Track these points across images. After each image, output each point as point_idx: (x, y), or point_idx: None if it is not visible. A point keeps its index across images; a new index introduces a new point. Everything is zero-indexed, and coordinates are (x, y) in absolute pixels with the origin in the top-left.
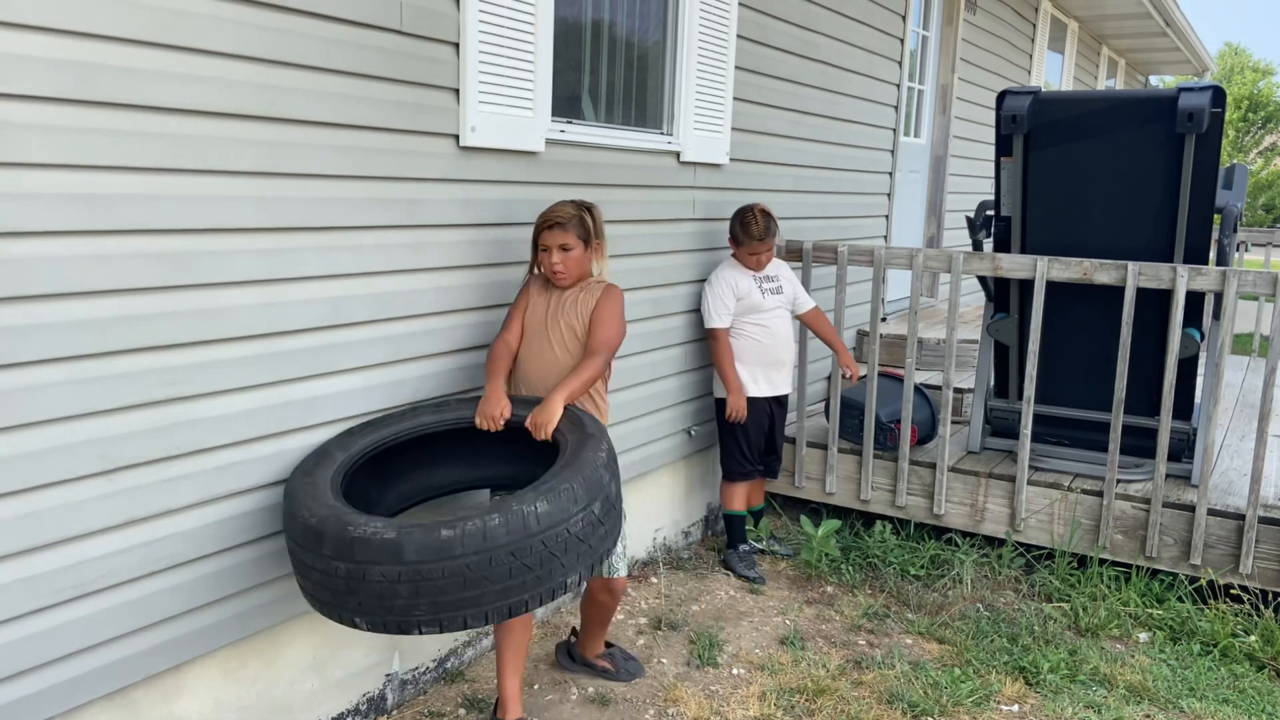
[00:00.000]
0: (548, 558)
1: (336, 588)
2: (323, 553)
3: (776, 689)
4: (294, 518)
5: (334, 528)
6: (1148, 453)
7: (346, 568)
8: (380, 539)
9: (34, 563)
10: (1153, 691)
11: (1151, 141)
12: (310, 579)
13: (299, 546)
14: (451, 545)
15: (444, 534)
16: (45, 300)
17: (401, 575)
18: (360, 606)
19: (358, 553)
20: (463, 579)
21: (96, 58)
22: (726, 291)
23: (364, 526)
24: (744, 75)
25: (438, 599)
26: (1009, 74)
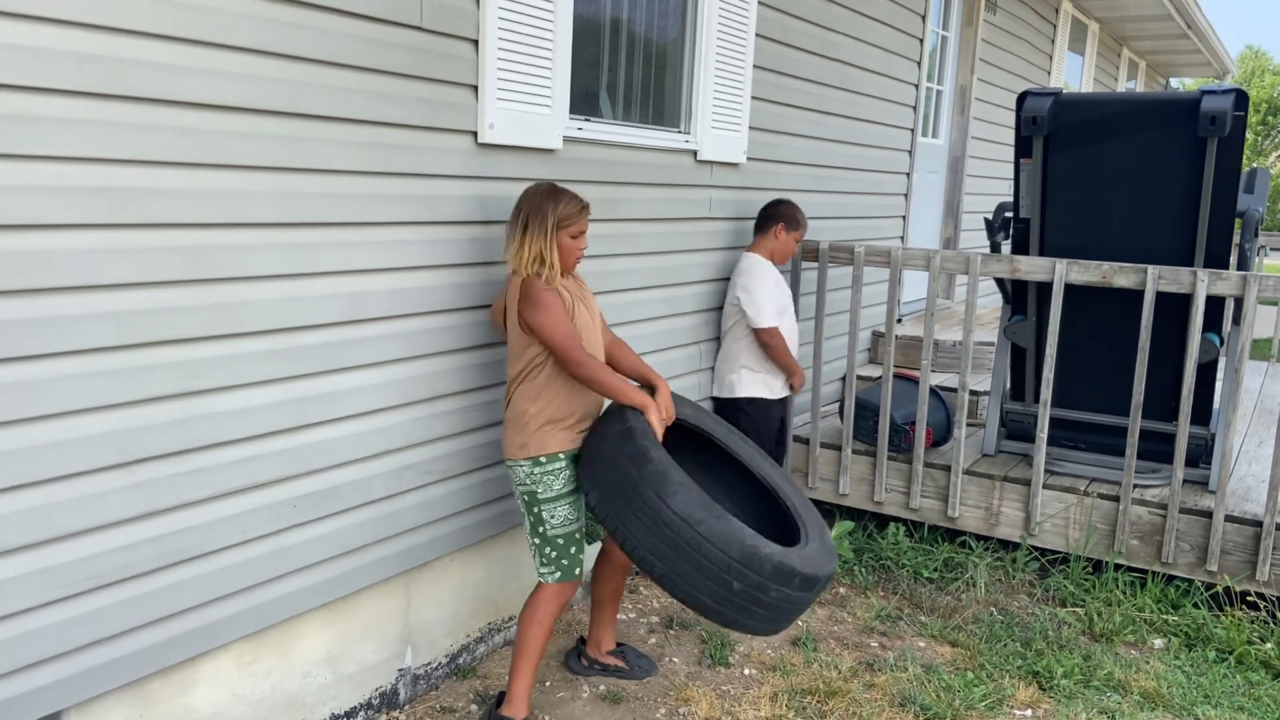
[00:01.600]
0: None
1: (781, 610)
2: (791, 586)
3: (788, 690)
4: (756, 557)
5: (799, 562)
6: (1165, 458)
7: (787, 594)
8: (806, 572)
9: (53, 554)
10: (1167, 698)
11: (1173, 144)
12: (764, 605)
13: (765, 579)
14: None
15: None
16: (67, 293)
17: (791, 595)
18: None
19: (795, 581)
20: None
21: (121, 52)
22: (776, 287)
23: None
24: (762, 74)
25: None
26: (1028, 75)
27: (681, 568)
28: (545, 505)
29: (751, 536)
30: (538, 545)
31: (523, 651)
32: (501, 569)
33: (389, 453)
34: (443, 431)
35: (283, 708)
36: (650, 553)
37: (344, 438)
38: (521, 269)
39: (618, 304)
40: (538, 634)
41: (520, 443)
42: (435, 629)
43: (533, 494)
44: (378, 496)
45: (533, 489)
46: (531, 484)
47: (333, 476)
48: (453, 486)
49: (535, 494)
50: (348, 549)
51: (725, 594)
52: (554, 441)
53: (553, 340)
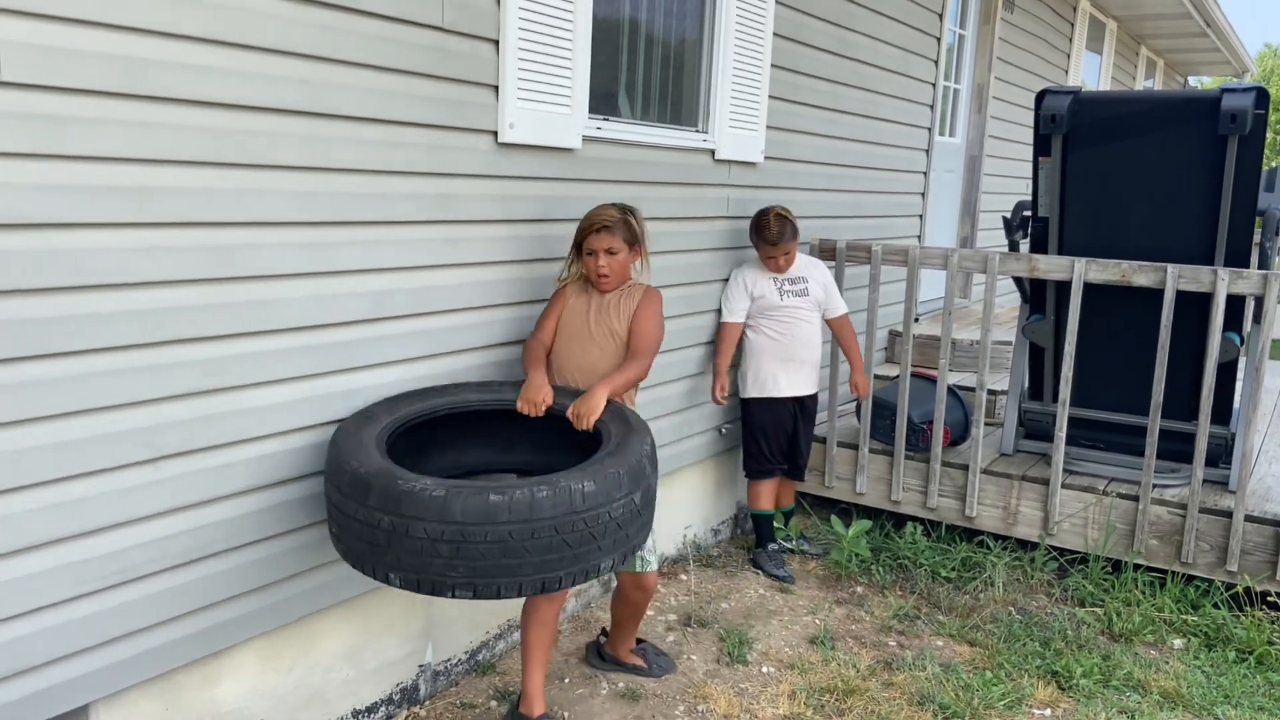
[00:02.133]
0: (587, 537)
1: (376, 540)
2: (368, 503)
3: (806, 688)
4: (341, 467)
5: (383, 480)
6: (1184, 457)
7: (390, 520)
8: (429, 495)
9: (81, 548)
10: (1187, 698)
11: (1193, 143)
12: (349, 530)
13: (342, 495)
14: (498, 510)
15: (492, 498)
16: (93, 291)
17: (445, 534)
18: (397, 562)
19: (404, 506)
20: (504, 546)
21: (145, 53)
22: (740, 289)
23: (414, 482)
24: (780, 74)
25: (476, 563)
26: (1046, 74)
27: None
28: None
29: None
30: None
31: (529, 650)
32: None
33: None
34: None
35: (305, 703)
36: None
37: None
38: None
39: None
40: (541, 632)
41: None
42: (455, 625)
43: None
44: None
45: None
46: None
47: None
48: None
49: None
50: None
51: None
52: None
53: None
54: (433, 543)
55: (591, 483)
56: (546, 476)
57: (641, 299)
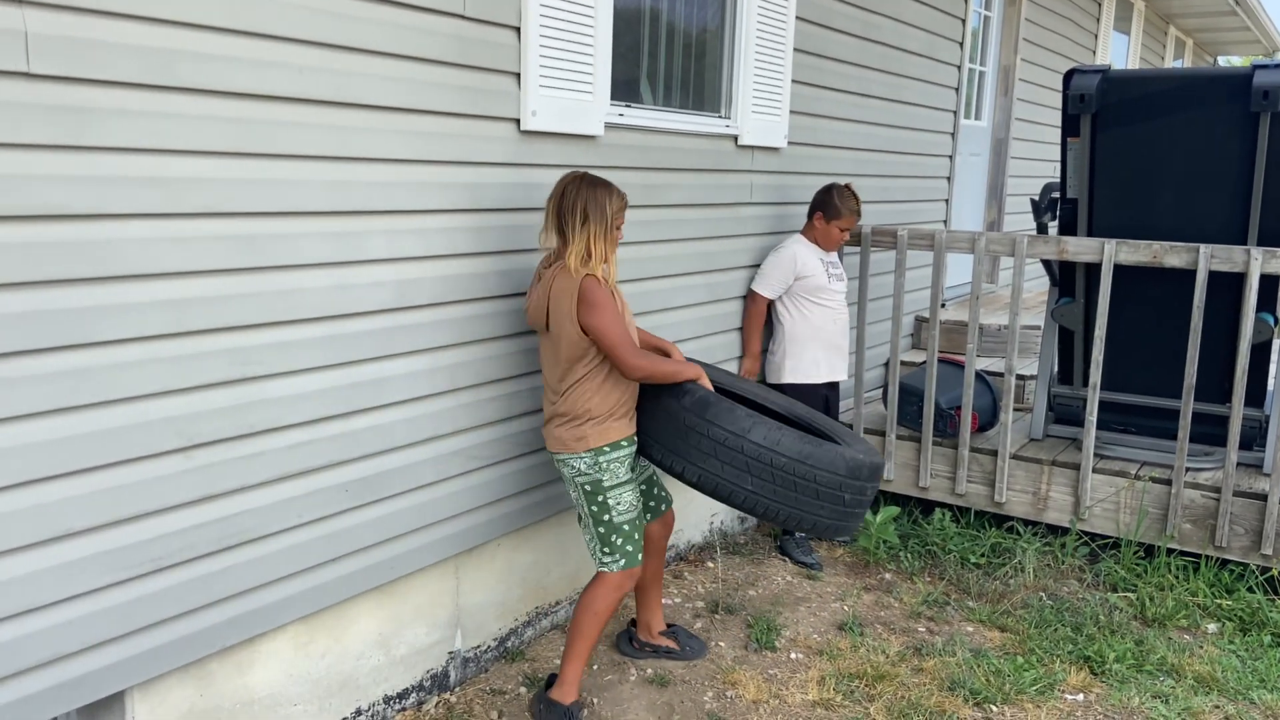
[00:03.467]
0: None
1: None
2: (865, 479)
3: (836, 674)
4: (851, 462)
5: (875, 457)
6: (1217, 440)
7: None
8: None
9: (116, 536)
10: (1222, 682)
11: (1224, 121)
12: (854, 509)
13: (862, 482)
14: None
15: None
16: (125, 281)
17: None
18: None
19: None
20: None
21: (172, 44)
22: (789, 264)
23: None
24: (803, 58)
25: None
26: (1073, 55)
27: (803, 501)
28: (611, 492)
29: (841, 451)
30: (601, 535)
31: (577, 638)
32: (548, 553)
33: (437, 438)
34: (489, 417)
35: (337, 688)
36: (773, 499)
37: (394, 423)
38: (587, 266)
39: (661, 289)
40: (593, 623)
41: (579, 436)
42: (484, 612)
43: (596, 483)
44: (427, 481)
45: (597, 478)
46: (596, 473)
47: (383, 461)
48: (499, 472)
49: (600, 482)
50: (398, 533)
51: (839, 508)
52: (615, 430)
53: (609, 343)
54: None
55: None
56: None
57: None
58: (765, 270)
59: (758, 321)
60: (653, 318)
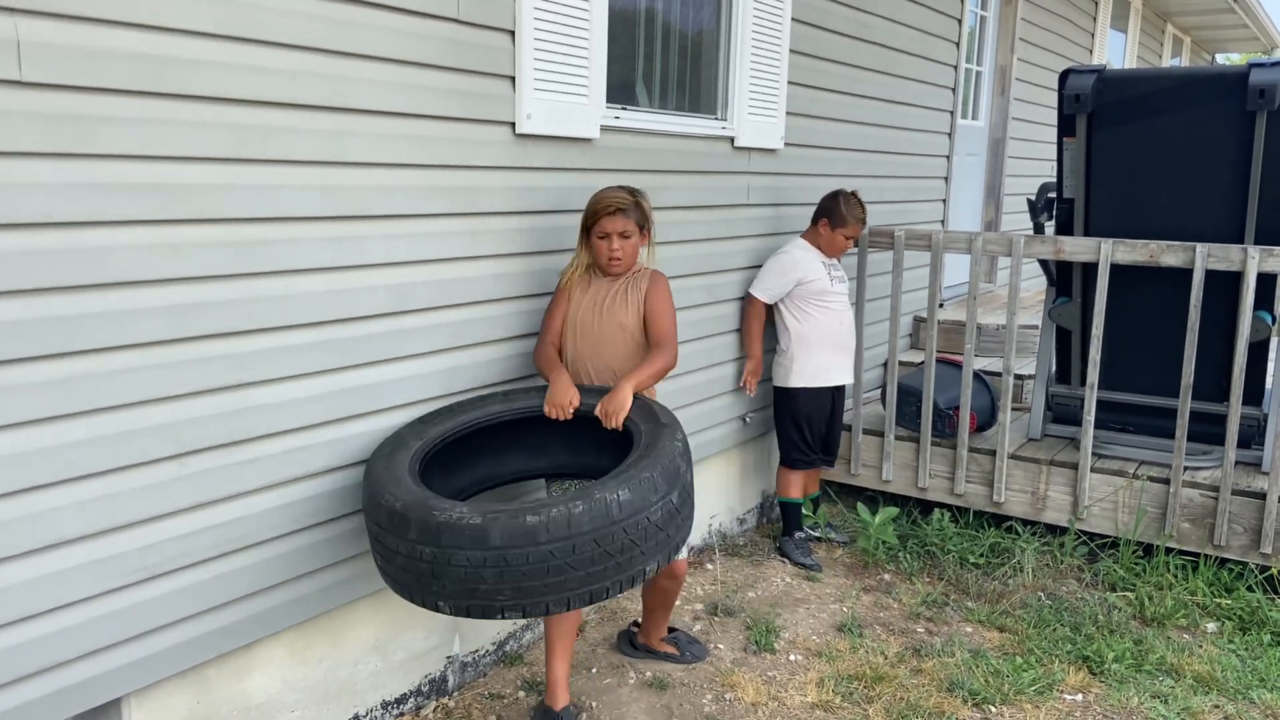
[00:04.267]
0: (629, 545)
1: (421, 571)
2: (408, 537)
3: (835, 676)
4: (377, 502)
5: (419, 512)
6: (1216, 439)
7: (432, 552)
8: (466, 524)
9: (111, 544)
10: (1221, 682)
11: (1221, 120)
12: (394, 563)
13: (383, 530)
14: (536, 531)
15: (529, 520)
16: (119, 288)
17: (487, 560)
18: (444, 590)
19: (444, 538)
20: (546, 565)
21: (165, 50)
22: (789, 269)
23: (449, 512)
24: (799, 59)
25: (521, 584)
26: (1070, 54)
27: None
28: None
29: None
30: None
31: (552, 640)
32: None
33: None
34: None
35: (335, 694)
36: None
37: (390, 428)
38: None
39: None
40: (562, 623)
41: None
42: None
43: None
44: None
45: None
46: None
47: None
48: None
49: None
50: None
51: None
52: None
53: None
54: (477, 569)
55: (626, 490)
56: (582, 490)
57: (649, 285)
58: (764, 274)
59: (757, 325)
60: None
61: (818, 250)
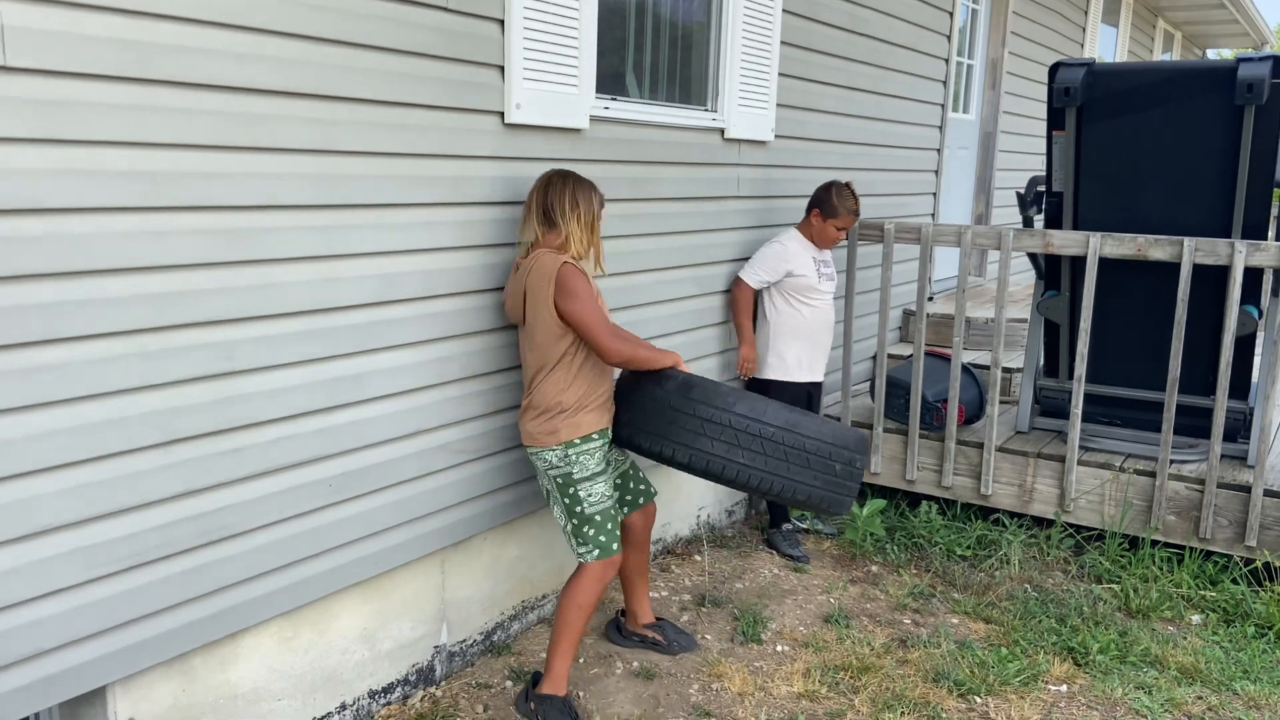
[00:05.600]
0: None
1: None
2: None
3: (821, 666)
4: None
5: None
6: (1202, 432)
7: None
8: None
9: (94, 531)
10: (1205, 673)
11: (1209, 114)
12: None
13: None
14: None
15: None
16: (106, 275)
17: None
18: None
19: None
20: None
21: (151, 36)
22: (779, 260)
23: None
24: (790, 50)
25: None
26: (1061, 48)
27: (795, 470)
28: (582, 485)
29: (825, 420)
30: (575, 527)
31: (563, 632)
32: (534, 547)
33: (422, 432)
34: (474, 411)
35: (321, 683)
36: (766, 471)
37: (378, 417)
38: (565, 253)
39: (647, 283)
40: (578, 615)
41: (550, 430)
42: (470, 606)
43: (568, 475)
44: (411, 476)
45: (568, 470)
46: (566, 466)
47: (367, 456)
48: (485, 466)
49: (571, 475)
50: (383, 527)
51: (831, 478)
52: (587, 422)
53: (586, 326)
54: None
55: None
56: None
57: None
58: (755, 260)
59: (747, 309)
60: (640, 311)
61: (810, 243)
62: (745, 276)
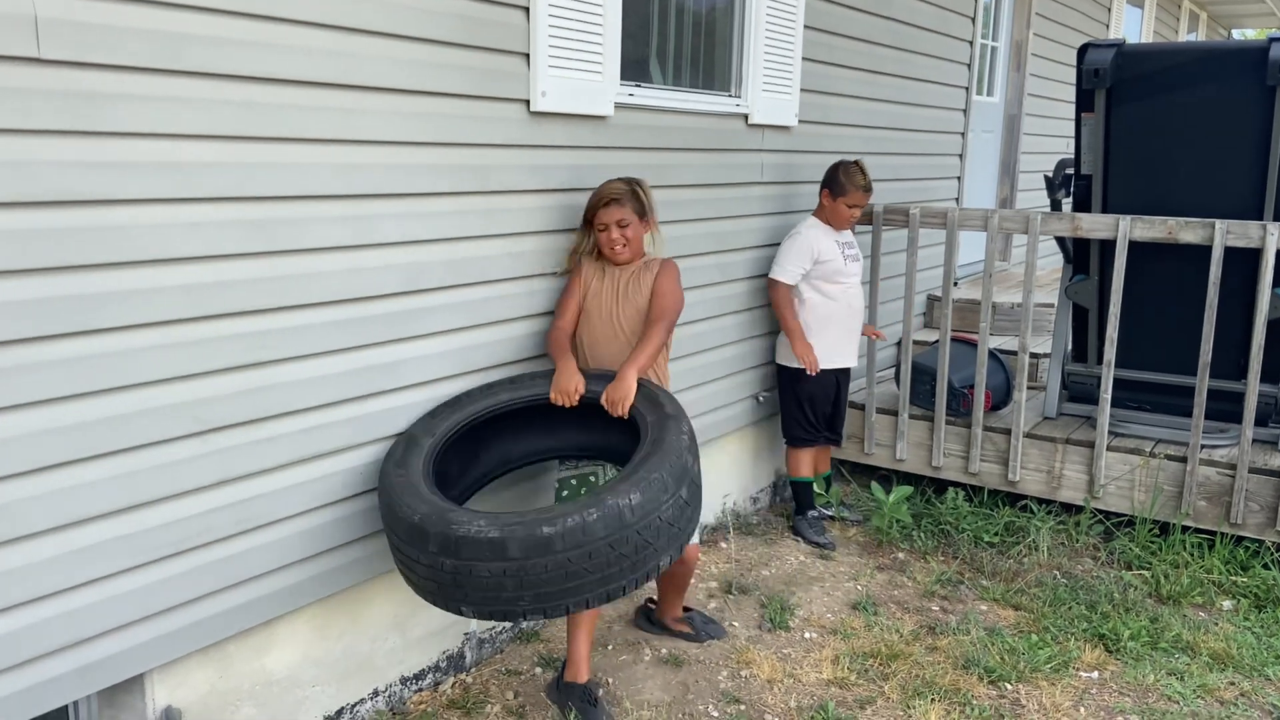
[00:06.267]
0: (642, 545)
1: (443, 581)
2: (428, 549)
3: (850, 653)
4: (396, 515)
5: (439, 526)
6: (1233, 417)
7: (453, 564)
8: (486, 538)
9: (133, 521)
10: (1237, 659)
11: (1241, 95)
12: (416, 572)
13: (404, 542)
14: (553, 542)
15: (545, 531)
16: (138, 266)
17: (506, 571)
18: (467, 598)
19: (464, 551)
20: (564, 571)
21: (181, 27)
22: (805, 250)
23: (468, 525)
24: (813, 34)
25: (541, 590)
26: (1086, 29)
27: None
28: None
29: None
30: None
31: (574, 617)
32: None
33: None
34: None
35: (355, 670)
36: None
37: (407, 406)
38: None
39: None
40: None
41: None
42: None
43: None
44: None
45: None
46: None
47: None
48: None
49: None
50: None
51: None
52: None
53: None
54: (498, 579)
55: (637, 493)
56: (594, 496)
57: (660, 270)
58: (783, 258)
59: (790, 306)
60: None
61: (828, 226)
62: (779, 276)
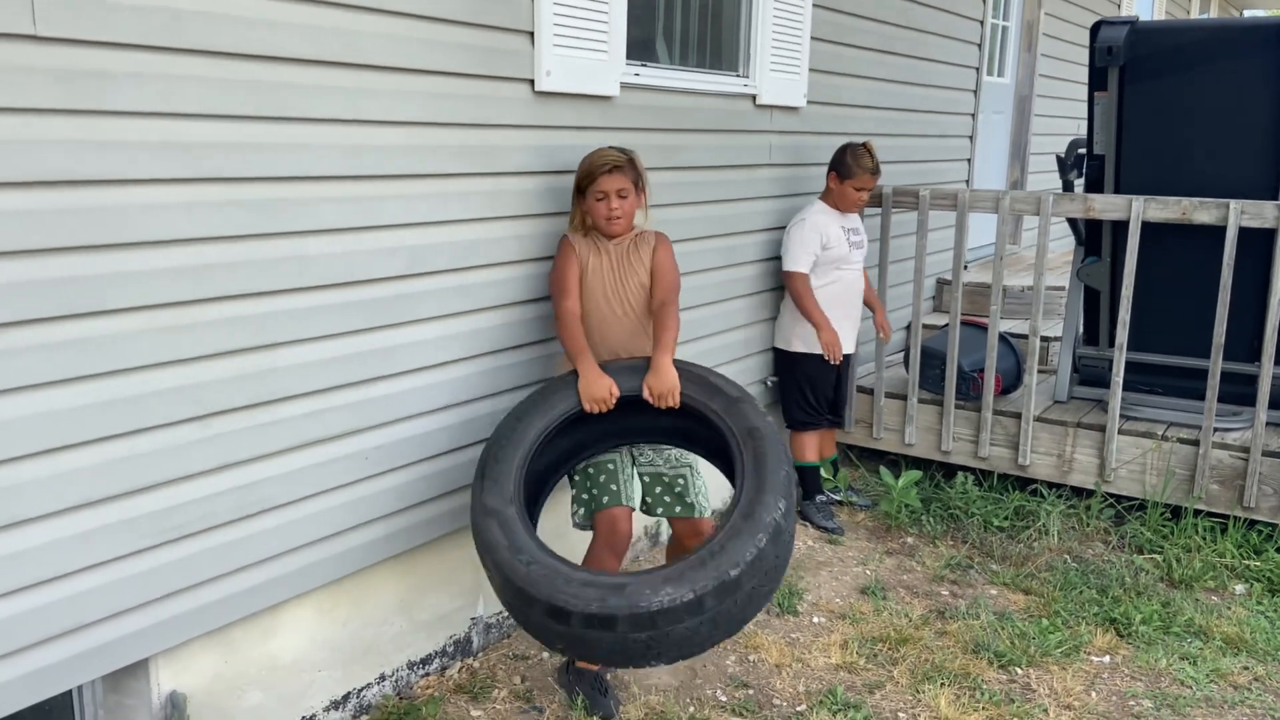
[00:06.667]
0: (791, 538)
1: (633, 651)
2: (617, 630)
3: (858, 637)
4: (563, 610)
5: (624, 607)
6: (1246, 400)
7: (648, 635)
8: (682, 603)
9: (135, 505)
10: (1250, 643)
11: (1256, 73)
12: (594, 650)
13: (578, 628)
14: (741, 581)
15: (733, 574)
16: (138, 248)
17: (702, 622)
18: (662, 654)
19: (660, 622)
20: (749, 600)
21: (180, 4)
22: (815, 237)
23: (655, 596)
24: (821, 13)
25: (730, 625)
26: (1098, 8)
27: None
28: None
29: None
30: (572, 494)
31: None
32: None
33: (454, 406)
34: (505, 385)
35: (361, 654)
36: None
37: (411, 391)
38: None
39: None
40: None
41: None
42: None
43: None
44: (446, 449)
45: None
46: None
47: (403, 429)
48: None
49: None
50: (419, 500)
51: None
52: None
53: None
54: (692, 630)
55: (782, 500)
56: (745, 522)
57: (657, 244)
58: (792, 247)
59: (811, 295)
60: None
61: (835, 210)
62: (792, 266)
